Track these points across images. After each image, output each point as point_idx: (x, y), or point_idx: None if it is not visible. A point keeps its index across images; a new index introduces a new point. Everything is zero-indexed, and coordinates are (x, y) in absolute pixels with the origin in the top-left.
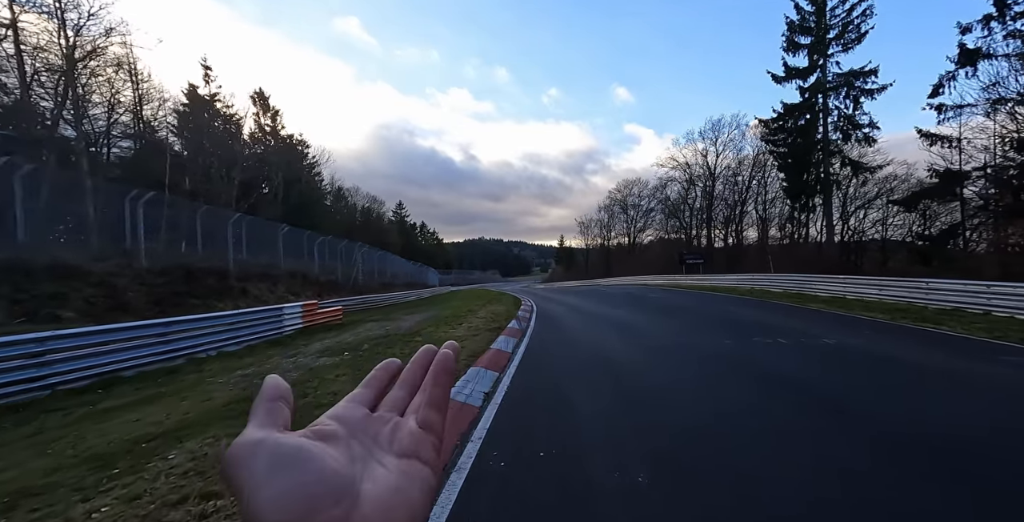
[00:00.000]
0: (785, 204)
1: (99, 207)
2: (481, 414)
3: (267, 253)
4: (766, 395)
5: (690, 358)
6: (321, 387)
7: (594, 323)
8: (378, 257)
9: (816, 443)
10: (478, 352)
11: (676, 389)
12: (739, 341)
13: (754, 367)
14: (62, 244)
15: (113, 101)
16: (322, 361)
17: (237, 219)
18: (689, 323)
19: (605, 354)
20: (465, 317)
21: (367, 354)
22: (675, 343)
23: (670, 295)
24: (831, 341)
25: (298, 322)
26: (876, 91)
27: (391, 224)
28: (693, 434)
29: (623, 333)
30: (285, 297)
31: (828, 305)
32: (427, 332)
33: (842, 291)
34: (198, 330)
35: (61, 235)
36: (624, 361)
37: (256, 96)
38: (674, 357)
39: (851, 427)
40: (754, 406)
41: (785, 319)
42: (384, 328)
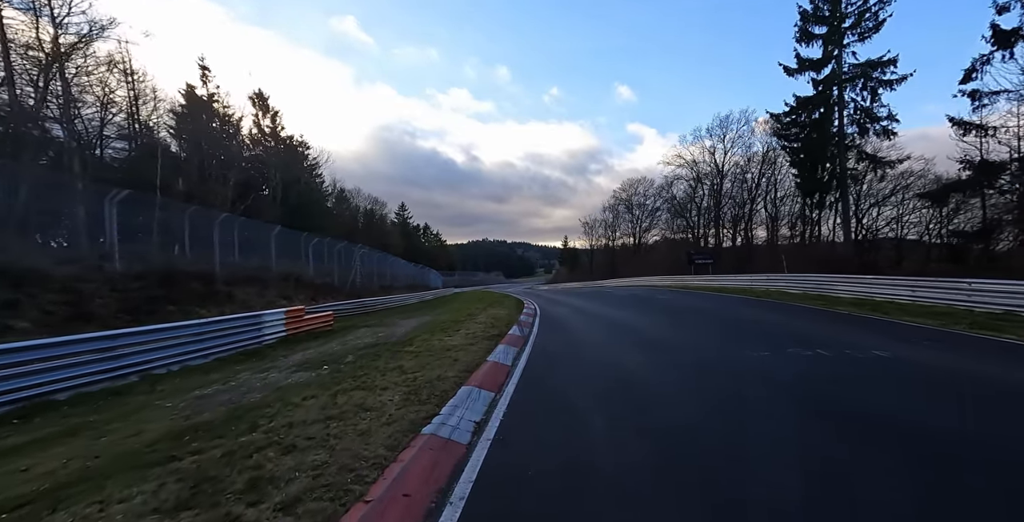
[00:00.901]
0: (795, 202)
1: (78, 208)
2: (469, 455)
3: (259, 255)
4: (846, 439)
5: (724, 378)
6: (280, 415)
7: (603, 329)
8: (377, 259)
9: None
10: (473, 366)
11: (723, 432)
12: (776, 353)
13: (810, 393)
14: (31, 246)
15: (106, 101)
16: (296, 377)
17: (225, 219)
18: (710, 330)
19: (621, 372)
20: (464, 322)
21: (349, 368)
22: (702, 358)
23: (681, 297)
24: (884, 354)
25: (281, 330)
26: (895, 82)
27: (394, 226)
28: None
29: (638, 343)
30: (275, 302)
31: (858, 308)
32: (421, 340)
33: (868, 292)
34: (157, 342)
35: (37, 237)
36: (645, 382)
37: (255, 97)
38: (706, 377)
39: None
40: (846, 467)
41: (817, 324)
42: (376, 335)
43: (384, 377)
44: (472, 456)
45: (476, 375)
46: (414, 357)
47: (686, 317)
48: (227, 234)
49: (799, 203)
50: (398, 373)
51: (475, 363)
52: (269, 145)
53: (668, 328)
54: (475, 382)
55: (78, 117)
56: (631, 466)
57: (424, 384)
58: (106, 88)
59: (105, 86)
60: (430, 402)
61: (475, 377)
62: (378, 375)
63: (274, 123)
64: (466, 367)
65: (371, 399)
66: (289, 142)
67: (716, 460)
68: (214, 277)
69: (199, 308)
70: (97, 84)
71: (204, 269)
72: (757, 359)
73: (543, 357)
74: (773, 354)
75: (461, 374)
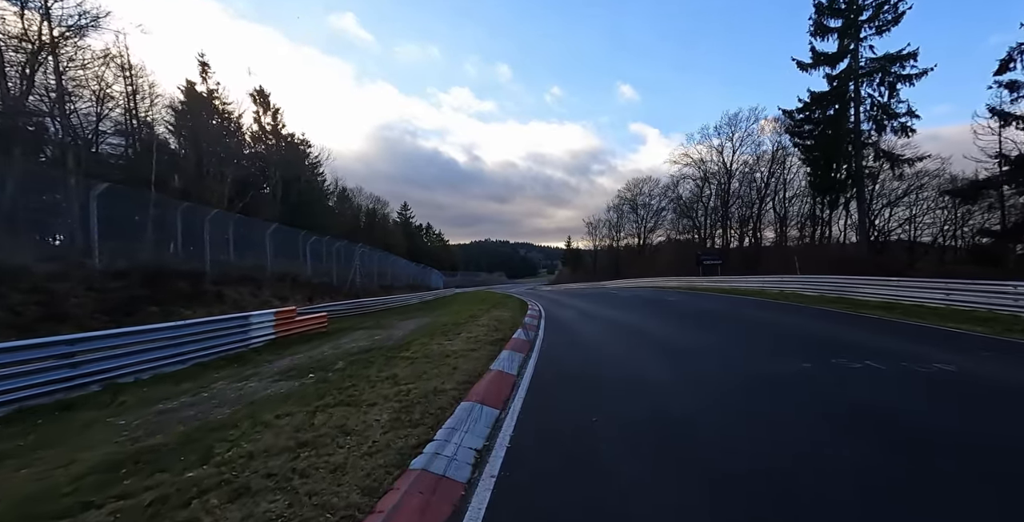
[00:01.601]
0: (805, 202)
1: (67, 203)
2: (468, 500)
3: (254, 254)
4: (957, 492)
5: (769, 397)
6: (244, 439)
7: (614, 334)
8: (378, 258)
9: None
10: (475, 375)
11: (791, 473)
12: (820, 366)
13: (884, 421)
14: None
15: (103, 95)
16: (276, 388)
17: (216, 216)
18: (737, 337)
19: (643, 384)
20: (465, 325)
21: (337, 377)
22: (738, 372)
23: (692, 299)
24: (949, 367)
25: (269, 332)
26: (915, 77)
27: (396, 225)
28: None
29: (657, 351)
30: (269, 302)
31: (889, 312)
32: (419, 344)
33: (895, 296)
34: (126, 347)
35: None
36: (673, 398)
37: (256, 94)
38: (753, 399)
39: None
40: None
41: (851, 330)
42: (372, 338)
43: (374, 389)
44: (472, 502)
45: (478, 387)
46: (410, 364)
47: (704, 322)
48: (221, 232)
49: (809, 203)
50: (390, 384)
51: (477, 372)
52: (270, 143)
53: (687, 334)
54: (476, 396)
55: (74, 112)
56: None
57: (418, 399)
58: (102, 82)
59: (101, 80)
60: (423, 423)
61: (477, 390)
62: (367, 387)
63: (275, 120)
64: (467, 377)
65: (355, 418)
66: (290, 140)
67: (774, 485)
68: (204, 276)
69: (184, 309)
70: (93, 78)
71: (194, 268)
72: (803, 375)
73: (551, 364)
74: (817, 366)
75: (461, 386)
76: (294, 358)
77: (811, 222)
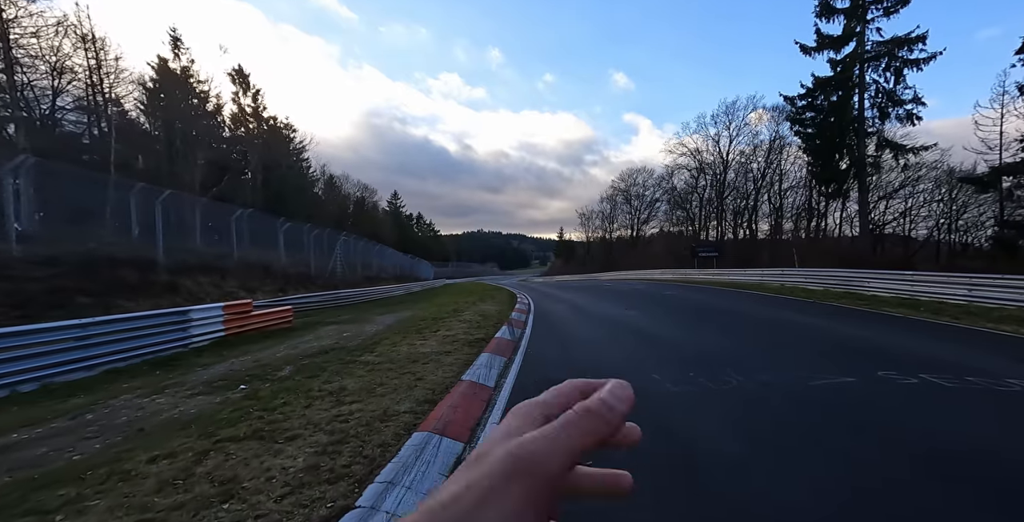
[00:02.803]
0: (800, 195)
1: None
2: None
3: (223, 242)
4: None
5: (824, 430)
6: (71, 505)
7: (611, 335)
8: (361, 247)
9: None
10: (441, 389)
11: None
12: (867, 381)
13: (984, 466)
14: None
15: (60, 67)
16: (187, 406)
17: (171, 198)
18: (754, 340)
19: (648, 401)
20: (446, 320)
21: (270, 391)
22: (766, 388)
23: (691, 293)
24: None
25: (217, 329)
26: (923, 61)
27: (386, 215)
28: None
29: (661, 357)
30: (234, 293)
31: (910, 310)
32: (387, 344)
33: (909, 291)
34: (3, 351)
35: None
36: (694, 430)
37: (234, 73)
38: (799, 428)
39: None
40: None
41: (886, 333)
42: (341, 335)
43: (308, 410)
44: None
45: (441, 408)
46: (368, 372)
47: (710, 320)
48: (184, 218)
49: (805, 196)
50: (331, 403)
51: (444, 384)
52: (250, 126)
53: (695, 336)
54: (436, 423)
55: (27, 86)
56: None
57: (357, 429)
58: (59, 54)
59: (57, 51)
60: (349, 474)
61: (438, 413)
62: (301, 407)
63: (255, 102)
64: (430, 392)
65: (256, 465)
66: (273, 123)
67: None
68: (155, 264)
69: (126, 301)
70: (48, 49)
71: (143, 255)
72: (852, 395)
73: (537, 372)
74: (863, 382)
75: (420, 406)
76: (235, 362)
77: (807, 214)
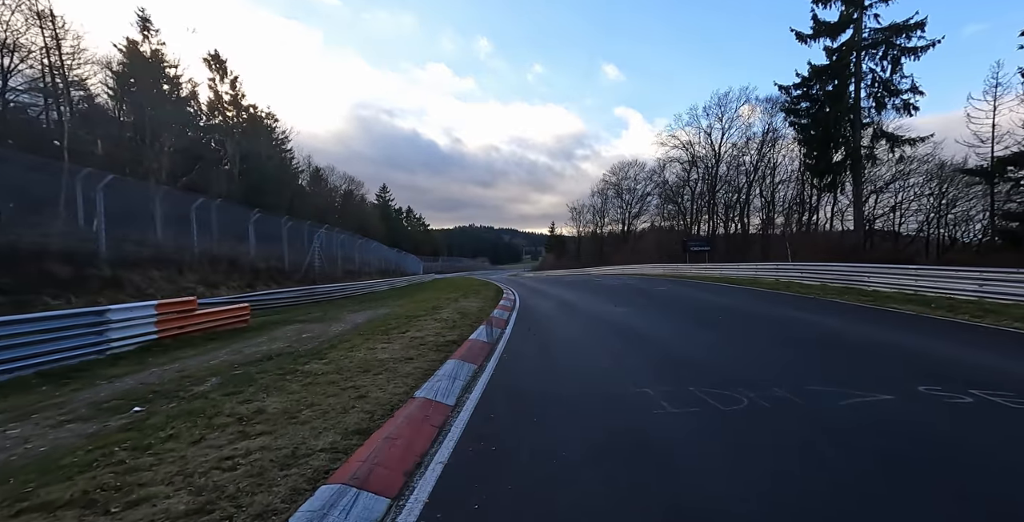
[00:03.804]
0: (791, 188)
1: None
2: None
3: (186, 232)
4: None
5: (875, 469)
6: None
7: (601, 336)
8: (342, 241)
9: None
10: (385, 410)
11: None
12: (909, 399)
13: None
14: None
15: (12, 45)
16: (43, 441)
17: (114, 183)
18: (760, 344)
19: (645, 429)
20: (421, 319)
21: (170, 413)
22: (789, 412)
23: (684, 289)
24: None
25: (148, 332)
26: (921, 50)
27: (374, 208)
28: None
29: (655, 362)
30: (190, 289)
31: (920, 307)
32: (344, 348)
33: (912, 286)
34: None
35: None
36: (698, 472)
37: (211, 59)
38: (842, 474)
39: None
40: None
41: (909, 336)
42: (300, 336)
43: (193, 449)
44: None
45: (371, 444)
46: (303, 386)
47: (708, 318)
48: (143, 206)
49: (796, 189)
50: (233, 435)
51: (391, 403)
52: (229, 114)
53: (691, 337)
54: (358, 470)
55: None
56: None
57: (242, 482)
58: (7, 29)
59: (6, 27)
60: None
61: (366, 452)
62: (188, 442)
63: (234, 89)
64: (368, 417)
65: None
66: (252, 111)
67: None
68: (96, 257)
69: (52, 299)
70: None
71: (80, 247)
72: (897, 420)
73: (510, 384)
74: (904, 401)
75: (345, 439)
76: (155, 372)
77: (799, 208)
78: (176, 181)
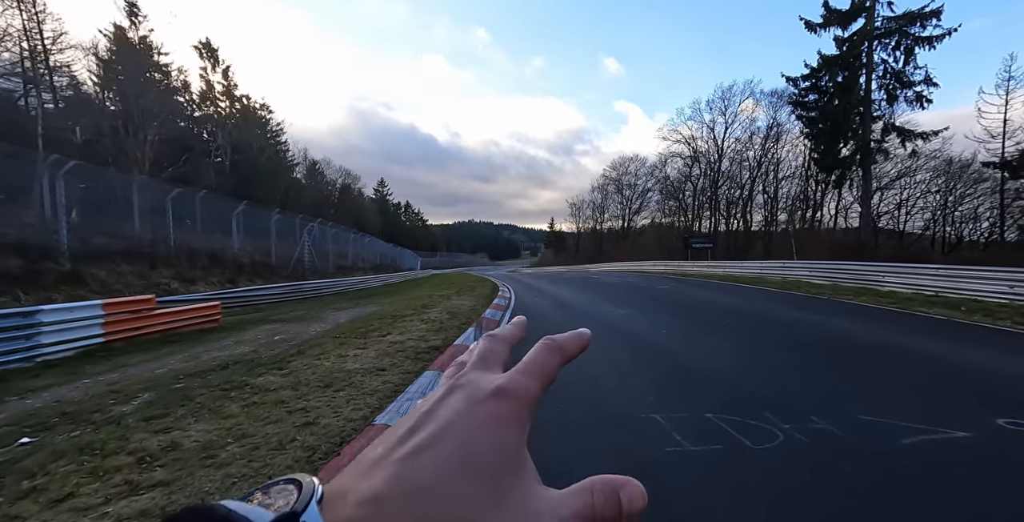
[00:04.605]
0: (795, 185)
1: None
2: None
3: (162, 225)
4: None
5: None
6: None
7: (598, 341)
8: (335, 235)
9: None
10: (325, 449)
11: None
12: (990, 438)
13: None
14: None
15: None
16: None
17: (76, 169)
18: (779, 353)
19: (656, 487)
20: (407, 319)
21: (60, 447)
22: (838, 449)
23: (688, 288)
24: None
25: (94, 334)
26: (936, 39)
27: (372, 203)
28: None
29: (667, 385)
30: (164, 284)
31: (949, 310)
32: (312, 354)
33: (933, 287)
34: None
35: None
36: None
37: (202, 47)
38: None
39: None
40: None
41: (949, 345)
42: (271, 338)
43: (48, 514)
44: None
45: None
46: (244, 407)
47: (716, 322)
48: (119, 197)
49: (800, 185)
50: (119, 488)
51: (341, 435)
52: (221, 105)
53: (702, 346)
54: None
55: None
56: None
57: None
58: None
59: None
60: None
61: None
62: (45, 505)
63: (226, 79)
64: (306, 455)
65: None
66: (246, 102)
67: None
68: (55, 249)
69: (1, 296)
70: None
71: (40, 239)
72: (999, 478)
73: None
74: (986, 439)
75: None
76: (82, 385)
77: (803, 205)
78: (162, 172)
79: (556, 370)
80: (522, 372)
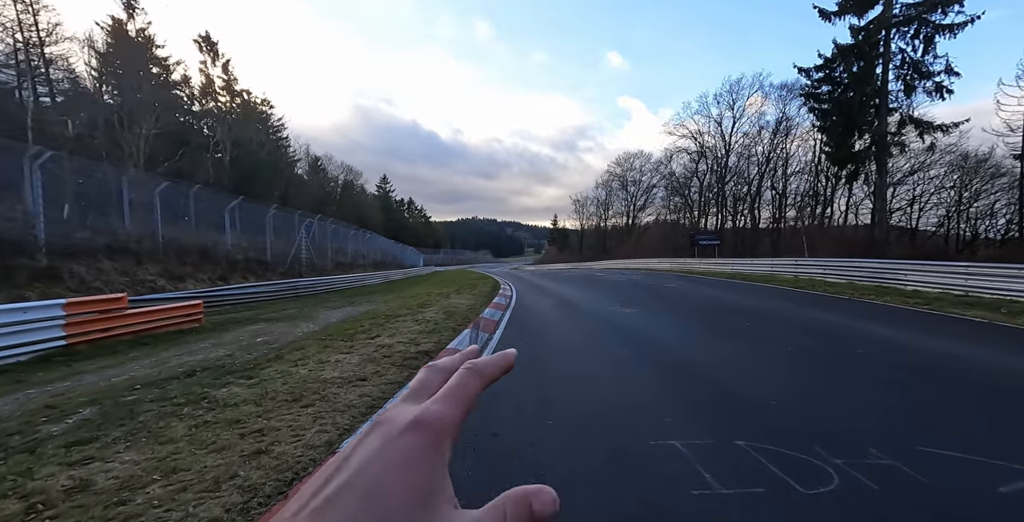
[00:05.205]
0: (803, 181)
1: None
2: None
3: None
4: None
5: None
6: None
7: (604, 345)
8: (334, 231)
9: None
10: (269, 491)
11: None
12: None
13: None
14: None
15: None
16: None
17: (54, 160)
18: (814, 364)
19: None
20: (400, 319)
21: None
22: (915, 502)
23: (697, 287)
24: None
25: (54, 337)
26: (958, 26)
27: (374, 199)
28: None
29: (689, 405)
30: (150, 282)
31: (989, 312)
32: (291, 359)
33: (962, 286)
34: None
35: None
36: None
37: (201, 40)
38: None
39: None
40: None
41: (1013, 355)
42: (254, 340)
43: None
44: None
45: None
46: (193, 429)
47: (733, 325)
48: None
49: (810, 181)
50: None
51: (294, 469)
52: (221, 99)
53: (722, 353)
54: None
55: None
56: None
57: None
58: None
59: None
60: None
61: None
62: None
63: (226, 73)
64: (238, 506)
65: None
66: (246, 97)
67: None
68: (31, 245)
69: None
70: None
71: (13, 234)
72: None
73: (481, 418)
74: None
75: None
76: (22, 397)
77: (813, 201)
78: (157, 166)
79: (476, 394)
80: (439, 400)
